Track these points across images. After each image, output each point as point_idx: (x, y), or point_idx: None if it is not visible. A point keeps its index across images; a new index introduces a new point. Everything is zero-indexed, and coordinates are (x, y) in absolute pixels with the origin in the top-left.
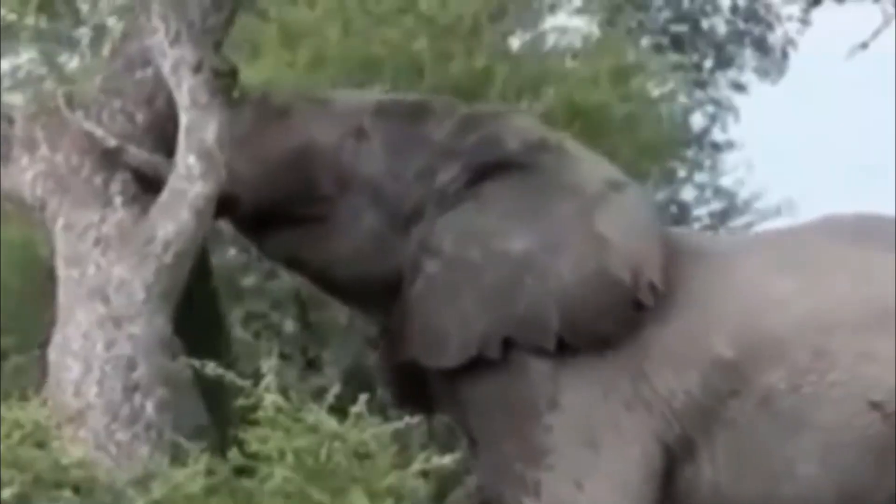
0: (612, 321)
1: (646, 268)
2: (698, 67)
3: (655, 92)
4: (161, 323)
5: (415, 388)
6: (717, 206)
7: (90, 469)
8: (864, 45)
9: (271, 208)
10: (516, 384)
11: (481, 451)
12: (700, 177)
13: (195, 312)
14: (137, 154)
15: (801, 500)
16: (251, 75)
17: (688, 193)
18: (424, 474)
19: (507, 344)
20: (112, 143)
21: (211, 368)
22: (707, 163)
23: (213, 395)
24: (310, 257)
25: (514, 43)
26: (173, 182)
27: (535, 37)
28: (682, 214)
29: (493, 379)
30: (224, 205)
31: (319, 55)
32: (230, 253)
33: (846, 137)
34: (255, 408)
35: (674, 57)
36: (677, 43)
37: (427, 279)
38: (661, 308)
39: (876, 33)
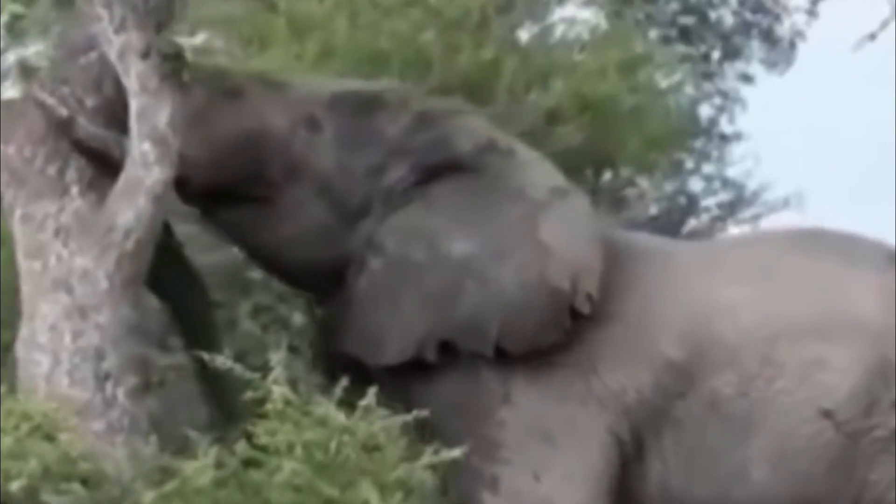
0: (550, 330)
1: (585, 277)
2: (706, 59)
3: (663, 83)
4: (127, 310)
5: (357, 377)
6: (724, 197)
7: (98, 462)
8: (872, 37)
9: (220, 189)
10: (467, 383)
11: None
12: (708, 168)
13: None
14: (87, 127)
15: (757, 502)
16: (260, 67)
17: (696, 185)
18: (433, 467)
19: (447, 347)
20: (63, 112)
21: (220, 361)
22: (715, 154)
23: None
24: (257, 238)
25: (523, 35)
26: (129, 169)
27: (543, 29)
28: (690, 206)
29: (444, 378)
30: (174, 184)
31: (327, 48)
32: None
33: (853, 129)
34: (263, 401)
35: (681, 48)
36: (685, 34)
37: (370, 277)
38: (613, 307)
39: (884, 24)
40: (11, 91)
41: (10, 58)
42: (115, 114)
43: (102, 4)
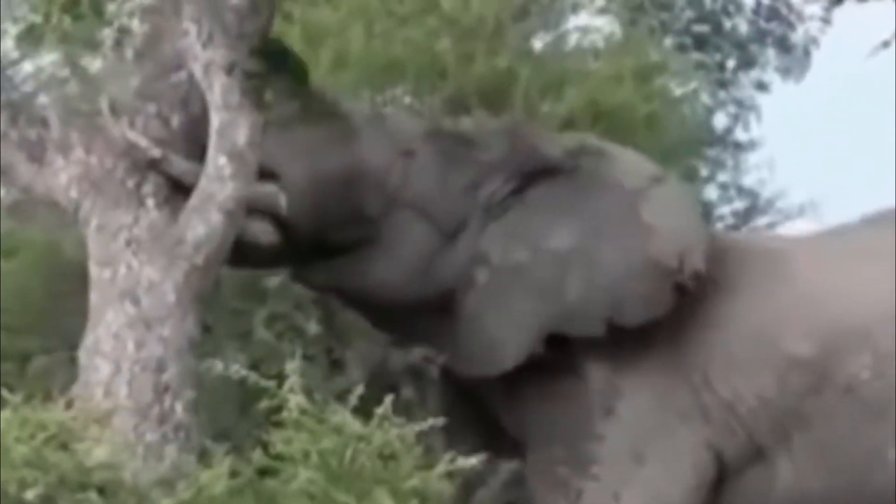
0: (658, 306)
1: (691, 253)
2: (721, 67)
3: (678, 92)
4: (191, 324)
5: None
6: (739, 205)
7: (115, 470)
8: (886, 44)
9: (319, 233)
10: (574, 389)
11: (529, 451)
12: (723, 176)
13: None
14: (180, 164)
15: (894, 486)
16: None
17: (710, 193)
18: (449, 476)
19: (563, 343)
20: (156, 153)
21: (236, 370)
22: (729, 162)
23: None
24: (358, 282)
25: (537, 43)
26: (204, 184)
27: (558, 37)
28: (705, 214)
29: (552, 382)
30: (283, 233)
31: (342, 56)
32: None
33: (868, 136)
34: (279, 409)
35: (696, 56)
36: (700, 43)
37: (478, 291)
38: (724, 309)
39: None
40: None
41: (27, 67)
42: (200, 133)
43: (191, 19)
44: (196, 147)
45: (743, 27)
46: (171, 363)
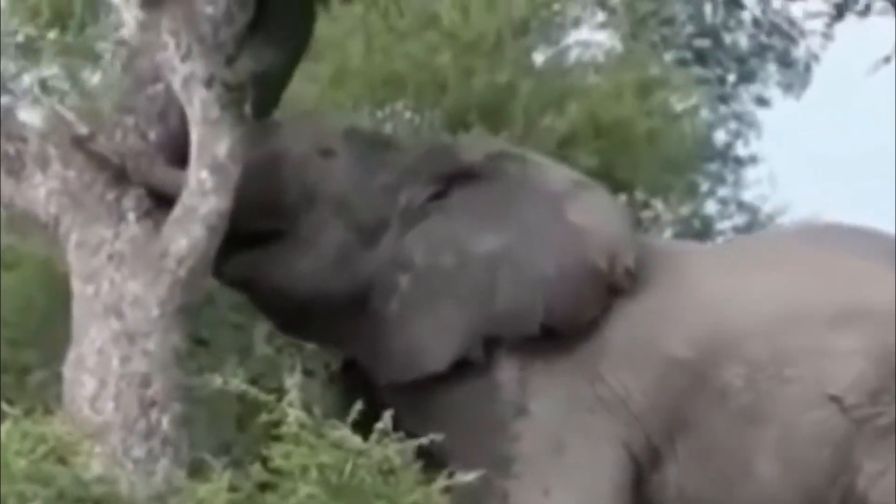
0: (592, 306)
1: (621, 254)
2: (722, 82)
3: (679, 107)
4: (176, 338)
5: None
6: (739, 220)
7: (112, 485)
8: (888, 60)
9: (235, 224)
10: (485, 393)
11: (451, 462)
12: (723, 191)
13: None
14: (159, 172)
15: (761, 498)
16: None
17: (711, 208)
18: (448, 490)
19: (489, 347)
20: (83, 130)
21: (235, 385)
22: (730, 177)
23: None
24: (272, 277)
25: (538, 58)
26: (186, 197)
27: (559, 52)
28: (705, 229)
29: (463, 389)
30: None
31: (342, 70)
32: None
33: (869, 151)
34: (278, 423)
35: (697, 71)
36: (701, 57)
37: (401, 295)
38: (619, 310)
39: None
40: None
41: (27, 79)
42: (179, 146)
43: (169, 32)
44: (175, 158)
45: (744, 42)
46: (157, 377)
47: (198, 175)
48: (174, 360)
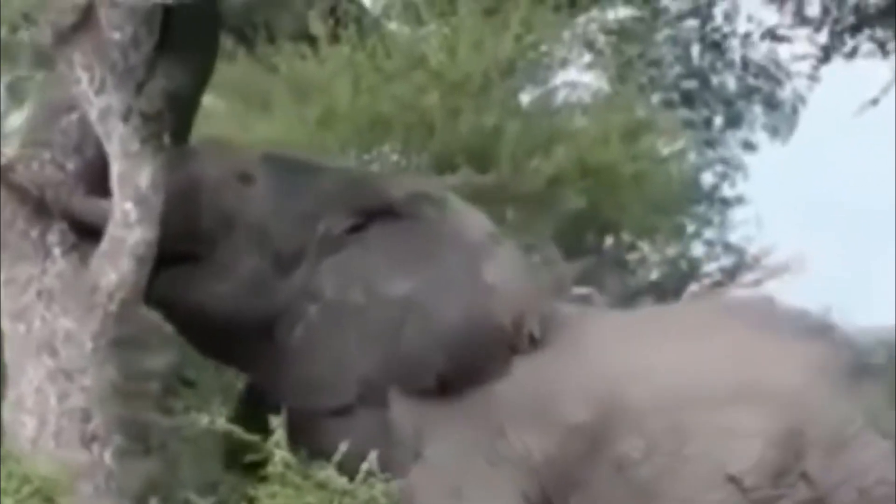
0: (491, 366)
1: (527, 317)
2: (708, 124)
3: (665, 151)
4: (112, 371)
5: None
6: (726, 262)
7: None
8: (874, 102)
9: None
10: (382, 431)
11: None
12: (709, 233)
13: None
14: (80, 203)
15: None
16: (263, 131)
17: (697, 249)
18: None
19: (384, 388)
20: (43, 194)
21: (220, 424)
22: (716, 219)
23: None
24: (189, 297)
25: (525, 98)
26: (112, 230)
27: (546, 92)
28: (692, 270)
29: (360, 424)
30: None
31: (329, 111)
32: None
33: (854, 193)
34: (264, 463)
35: (684, 113)
36: (687, 99)
37: (307, 324)
38: (522, 368)
39: (885, 89)
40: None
41: (14, 121)
42: (97, 175)
43: (83, 66)
44: (94, 188)
45: (731, 83)
46: (96, 412)
47: (122, 207)
48: (112, 393)
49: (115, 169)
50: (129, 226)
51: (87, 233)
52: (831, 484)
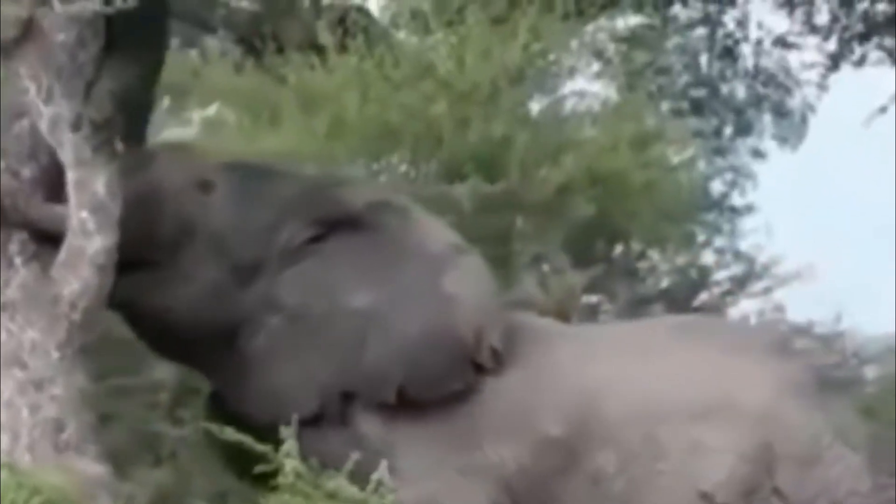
0: (452, 379)
1: (489, 330)
2: (718, 133)
3: (675, 159)
4: (80, 379)
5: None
6: (736, 270)
7: None
8: (883, 110)
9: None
10: (350, 443)
11: None
12: (719, 241)
13: None
14: (37, 208)
15: None
16: (272, 142)
17: (707, 258)
18: None
19: (347, 401)
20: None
21: (229, 433)
22: (726, 227)
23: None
24: (147, 302)
25: (534, 107)
26: (71, 239)
27: (554, 101)
28: (702, 279)
29: (327, 435)
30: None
31: (338, 121)
32: None
33: (864, 201)
34: (275, 473)
35: (693, 121)
36: (697, 107)
37: (268, 334)
38: (496, 382)
39: (893, 98)
40: None
41: None
42: (53, 182)
43: (30, 77)
44: (51, 194)
45: (740, 92)
46: (69, 421)
47: (79, 216)
48: (83, 401)
49: (70, 177)
50: (88, 234)
51: (48, 240)
52: (804, 498)
